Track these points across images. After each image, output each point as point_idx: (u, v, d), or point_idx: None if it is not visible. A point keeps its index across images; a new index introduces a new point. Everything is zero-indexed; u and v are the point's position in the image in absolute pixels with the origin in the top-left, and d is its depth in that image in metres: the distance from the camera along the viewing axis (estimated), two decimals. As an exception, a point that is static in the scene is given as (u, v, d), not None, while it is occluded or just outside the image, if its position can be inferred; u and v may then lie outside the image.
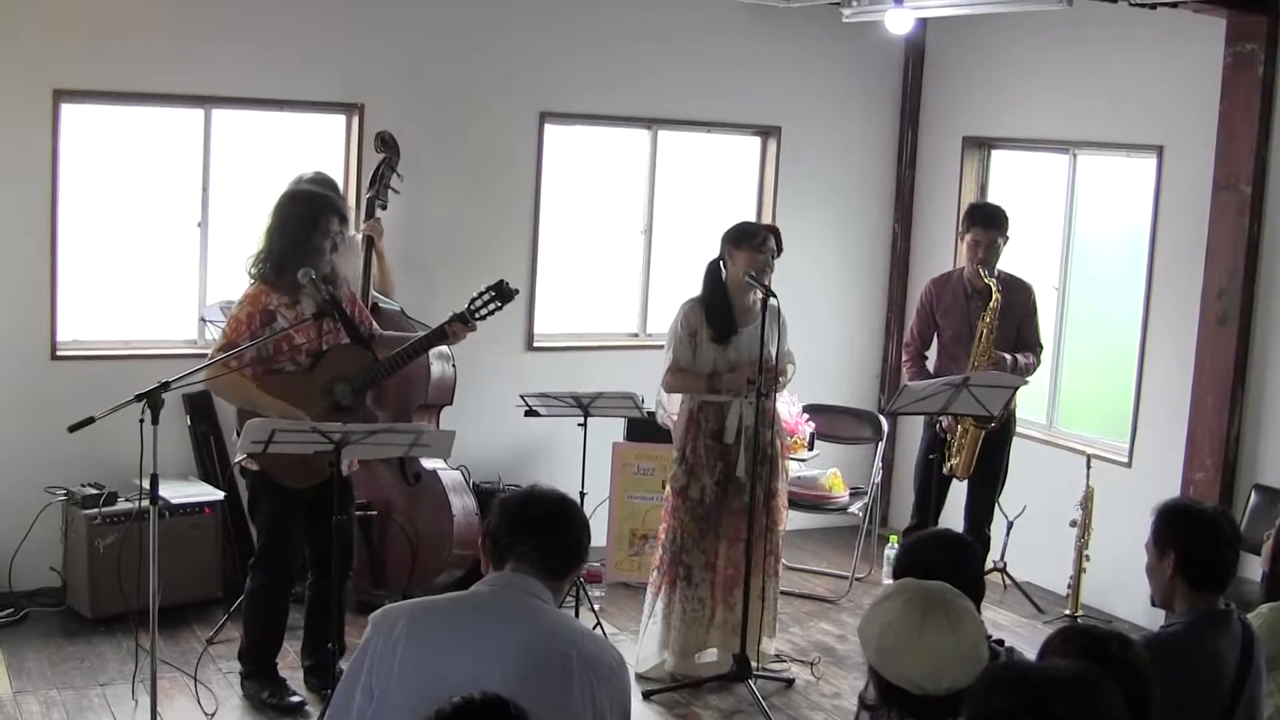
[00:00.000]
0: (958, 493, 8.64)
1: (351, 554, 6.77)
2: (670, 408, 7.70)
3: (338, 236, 6.83)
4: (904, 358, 8.73)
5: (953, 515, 8.68)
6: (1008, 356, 8.21)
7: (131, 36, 8.25)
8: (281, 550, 6.87)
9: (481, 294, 6.90)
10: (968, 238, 8.36)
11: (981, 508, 8.60)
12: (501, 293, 6.90)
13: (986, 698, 3.04)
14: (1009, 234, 8.35)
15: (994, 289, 8.19)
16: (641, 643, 7.75)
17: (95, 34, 8.16)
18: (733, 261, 7.46)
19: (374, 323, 7.22)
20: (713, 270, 7.58)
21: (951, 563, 4.09)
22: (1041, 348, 8.57)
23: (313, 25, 8.73)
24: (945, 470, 8.41)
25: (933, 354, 8.65)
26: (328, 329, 6.78)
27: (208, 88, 8.50)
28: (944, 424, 8.32)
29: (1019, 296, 8.41)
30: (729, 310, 7.50)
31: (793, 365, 7.70)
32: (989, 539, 8.72)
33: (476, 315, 6.91)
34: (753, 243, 7.42)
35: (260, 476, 6.76)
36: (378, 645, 3.79)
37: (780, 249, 7.54)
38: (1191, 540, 4.56)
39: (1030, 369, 8.41)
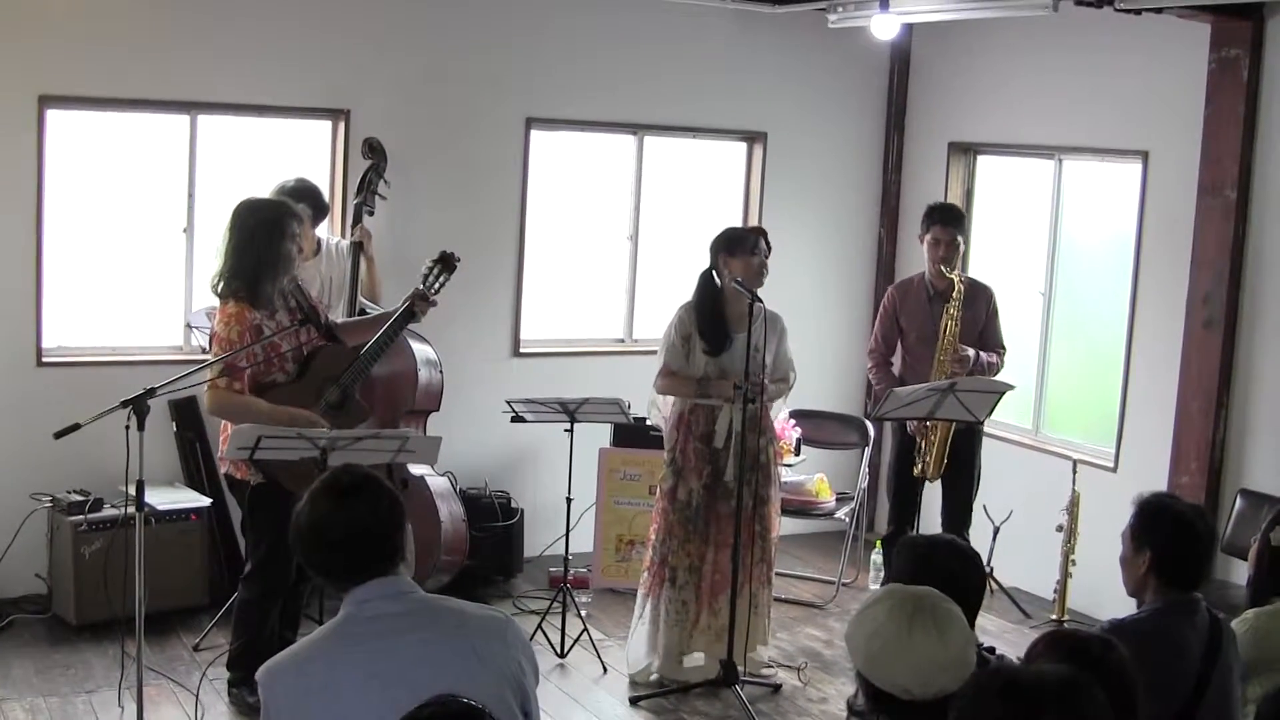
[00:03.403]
0: (933, 497, 8.65)
1: None
2: (664, 409, 7.71)
3: (300, 239, 6.91)
4: (869, 364, 8.79)
5: (930, 520, 8.68)
6: (970, 351, 8.27)
7: (117, 42, 8.24)
8: (284, 562, 6.85)
9: (430, 269, 7.21)
10: (927, 237, 8.47)
11: (959, 511, 8.62)
12: (446, 263, 7.24)
13: (974, 703, 3.03)
14: (967, 236, 8.44)
15: (956, 280, 8.29)
16: (630, 644, 7.76)
17: (80, 39, 8.15)
18: (727, 270, 7.46)
19: (328, 314, 7.27)
20: (706, 280, 7.59)
21: (964, 573, 4.11)
22: (1004, 349, 8.63)
23: (298, 31, 8.72)
24: (916, 472, 8.45)
25: (897, 360, 8.71)
26: (306, 335, 6.81)
27: (193, 93, 8.49)
28: (912, 425, 8.36)
29: (979, 300, 8.51)
30: (722, 321, 7.50)
31: (793, 372, 7.71)
32: (969, 542, 8.72)
33: (433, 290, 7.18)
34: (744, 248, 7.44)
35: (263, 489, 6.74)
36: (277, 707, 3.69)
37: (769, 248, 7.56)
38: (1168, 542, 4.65)
39: (995, 368, 8.50)
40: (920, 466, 8.44)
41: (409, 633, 3.70)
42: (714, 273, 7.56)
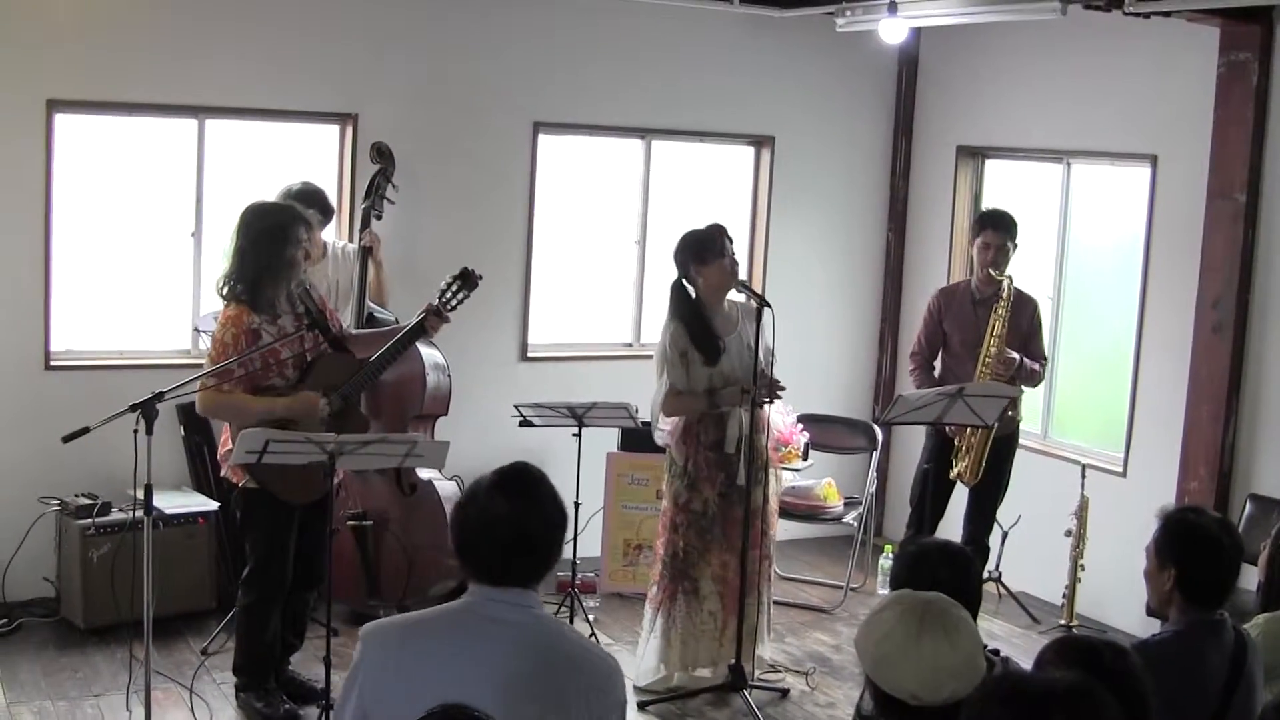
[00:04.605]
0: (957, 503, 8.64)
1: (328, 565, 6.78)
2: (666, 425, 7.64)
3: (307, 244, 6.88)
4: (911, 366, 8.75)
5: (951, 525, 8.66)
6: (1016, 355, 8.24)
7: (125, 46, 8.24)
8: (279, 566, 6.84)
9: (450, 284, 7.10)
10: (978, 241, 8.46)
11: (982, 518, 8.61)
12: (467, 280, 7.12)
13: (983, 709, 3.02)
14: (1017, 241, 8.40)
15: (1006, 282, 8.27)
16: (641, 658, 7.72)
17: (89, 44, 8.16)
18: (702, 278, 7.41)
19: (342, 322, 7.26)
20: (679, 291, 7.51)
21: (953, 577, 4.08)
22: (1046, 361, 8.62)
23: (307, 36, 8.73)
24: (952, 475, 8.43)
25: (939, 365, 8.68)
26: (309, 341, 6.79)
27: (201, 98, 8.49)
28: (951, 428, 8.32)
29: (1024, 310, 8.46)
30: (710, 328, 7.45)
31: (772, 355, 7.65)
32: (988, 550, 8.72)
33: (448, 307, 7.09)
34: (713, 251, 7.37)
35: (255, 493, 6.73)
36: (370, 666, 3.70)
37: (732, 240, 7.50)
38: (1193, 558, 4.55)
39: (1037, 377, 8.47)
40: (958, 470, 8.42)
41: (517, 647, 3.67)
42: (685, 282, 7.50)
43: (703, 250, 7.39)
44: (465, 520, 3.77)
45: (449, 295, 7.09)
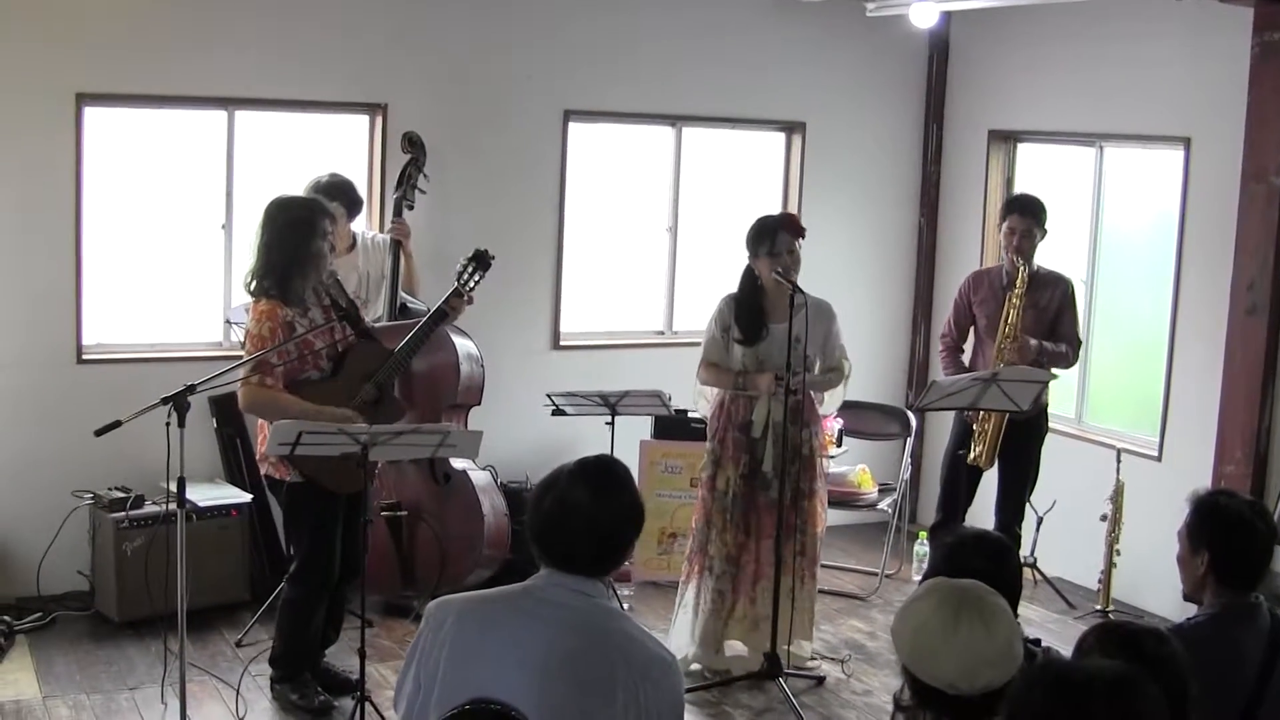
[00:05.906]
0: (988, 490, 8.60)
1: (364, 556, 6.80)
2: (709, 398, 7.67)
3: (332, 236, 6.90)
4: (940, 349, 8.75)
5: (982, 513, 8.63)
6: (1033, 341, 8.19)
7: (154, 38, 8.25)
8: (328, 560, 6.85)
9: (465, 266, 7.29)
10: (1004, 226, 8.43)
11: (1012, 506, 8.57)
12: (481, 261, 7.32)
13: (1025, 698, 3.00)
14: (1046, 228, 8.35)
15: (1022, 270, 8.21)
16: (672, 633, 7.72)
17: (118, 37, 8.16)
18: (757, 269, 7.46)
19: (365, 316, 7.27)
20: (746, 271, 7.56)
21: (991, 568, 4.04)
22: (1080, 343, 8.53)
23: (335, 26, 8.72)
24: (970, 459, 8.40)
25: (969, 348, 8.65)
26: (339, 333, 6.80)
27: (230, 89, 8.49)
28: (969, 412, 8.30)
29: (1053, 290, 8.40)
30: (759, 313, 7.47)
31: (847, 361, 7.66)
32: (1019, 537, 8.68)
33: (467, 288, 7.26)
34: (766, 247, 7.40)
35: (302, 487, 6.73)
36: (427, 640, 3.76)
37: (800, 233, 7.48)
38: (1226, 541, 4.53)
39: (1062, 359, 8.39)
40: (974, 454, 8.40)
41: (570, 632, 3.68)
42: (753, 265, 7.54)
43: (757, 244, 7.46)
44: (542, 505, 3.82)
45: (466, 277, 7.25)
